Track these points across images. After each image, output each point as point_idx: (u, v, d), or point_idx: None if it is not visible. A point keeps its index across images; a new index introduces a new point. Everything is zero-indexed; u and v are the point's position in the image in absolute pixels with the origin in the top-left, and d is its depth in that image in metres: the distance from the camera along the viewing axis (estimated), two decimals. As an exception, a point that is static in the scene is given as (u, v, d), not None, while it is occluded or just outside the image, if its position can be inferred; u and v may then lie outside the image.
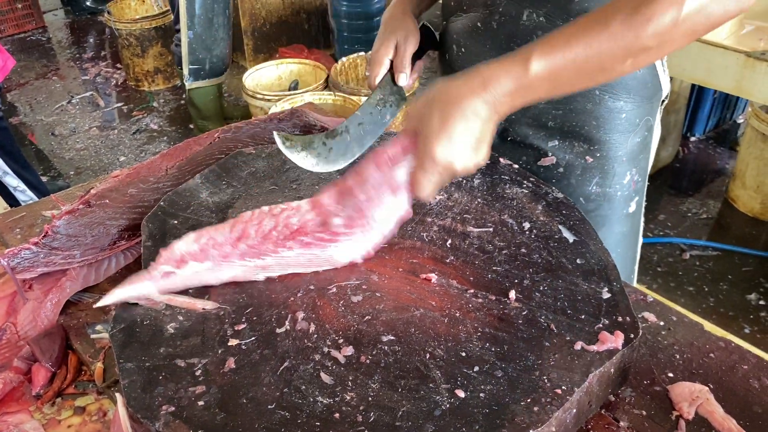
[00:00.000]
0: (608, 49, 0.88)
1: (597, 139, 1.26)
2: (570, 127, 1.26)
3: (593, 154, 1.28)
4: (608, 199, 1.32)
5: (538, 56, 0.90)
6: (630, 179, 1.32)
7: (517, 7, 1.21)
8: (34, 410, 0.99)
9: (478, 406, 0.80)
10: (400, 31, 1.25)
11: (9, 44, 5.51)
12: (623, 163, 1.30)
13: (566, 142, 1.28)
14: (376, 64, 1.23)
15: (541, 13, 1.19)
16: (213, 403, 0.81)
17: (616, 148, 1.27)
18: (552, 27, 1.18)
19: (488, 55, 1.25)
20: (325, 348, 0.88)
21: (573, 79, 0.92)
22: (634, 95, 1.24)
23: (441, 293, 0.97)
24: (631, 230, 1.41)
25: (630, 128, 1.27)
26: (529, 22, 1.21)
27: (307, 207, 1.03)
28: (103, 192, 1.16)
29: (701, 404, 0.91)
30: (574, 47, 0.89)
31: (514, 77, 0.90)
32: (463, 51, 1.34)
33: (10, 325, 1.08)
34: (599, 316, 0.92)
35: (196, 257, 0.96)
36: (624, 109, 1.25)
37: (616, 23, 0.87)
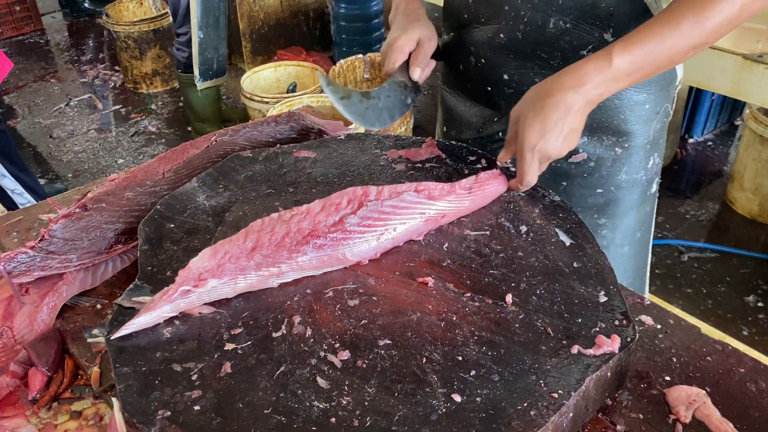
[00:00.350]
0: (677, 45, 1.05)
1: (624, 131, 1.33)
2: (599, 123, 1.31)
3: (621, 145, 1.34)
4: (635, 185, 1.39)
5: (618, 51, 1.05)
6: (652, 162, 1.40)
7: (543, 16, 1.22)
8: (31, 415, 0.98)
9: (475, 411, 0.80)
10: (424, 30, 1.28)
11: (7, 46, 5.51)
12: (647, 149, 1.37)
13: (595, 138, 1.33)
14: (397, 51, 1.25)
15: (568, 20, 1.21)
16: (209, 408, 0.81)
17: (641, 136, 1.34)
18: (578, 33, 1.21)
19: (512, 63, 1.30)
20: (321, 352, 0.88)
21: (648, 69, 1.07)
22: (655, 86, 1.30)
23: (437, 297, 0.97)
24: (651, 209, 1.50)
25: (652, 116, 1.34)
26: (555, 30, 1.22)
27: (317, 208, 1.04)
28: (100, 196, 1.16)
29: (698, 408, 0.91)
30: (649, 43, 1.05)
31: (600, 70, 1.05)
32: (483, 62, 1.35)
33: (6, 329, 1.08)
34: (596, 320, 0.92)
35: (214, 273, 0.95)
36: (647, 100, 1.31)
37: (686, 23, 1.03)
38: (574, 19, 1.20)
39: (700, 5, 1.03)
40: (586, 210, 1.38)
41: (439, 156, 1.28)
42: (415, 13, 1.31)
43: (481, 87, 1.38)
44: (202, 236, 1.09)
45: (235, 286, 0.96)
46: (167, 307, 0.92)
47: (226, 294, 0.97)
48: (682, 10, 1.04)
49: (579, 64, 1.07)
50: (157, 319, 0.93)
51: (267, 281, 0.98)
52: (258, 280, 0.97)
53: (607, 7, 1.18)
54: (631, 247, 1.46)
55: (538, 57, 1.26)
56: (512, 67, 1.30)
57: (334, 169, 1.25)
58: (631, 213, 1.41)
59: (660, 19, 1.06)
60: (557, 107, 1.06)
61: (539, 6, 1.21)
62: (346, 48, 4.50)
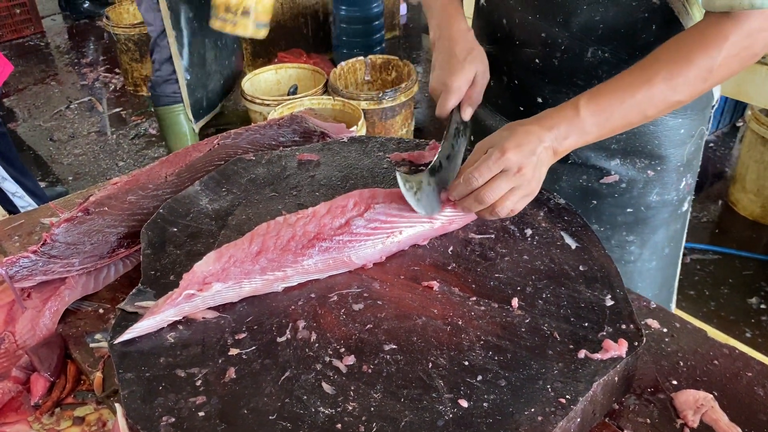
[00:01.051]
0: (649, 100, 1.02)
1: (658, 155, 1.29)
2: (633, 147, 1.28)
3: (654, 168, 1.30)
4: (666, 205, 1.36)
5: (585, 102, 1.02)
6: (685, 183, 1.37)
7: (581, 45, 1.19)
8: (33, 420, 0.98)
9: (482, 416, 0.79)
10: (480, 63, 1.17)
11: (7, 49, 5.51)
12: (680, 171, 1.34)
13: (628, 160, 1.29)
14: (455, 93, 1.15)
15: (606, 50, 1.18)
16: (213, 414, 0.80)
17: (675, 160, 1.31)
18: (617, 62, 1.18)
19: (547, 88, 1.27)
20: (326, 357, 0.87)
21: (617, 122, 1.03)
22: (691, 110, 1.27)
23: (443, 301, 0.96)
24: (682, 225, 1.46)
25: (687, 140, 1.30)
26: (594, 59, 1.19)
27: (323, 211, 1.04)
28: (102, 199, 1.16)
29: (706, 412, 0.90)
30: (618, 96, 1.01)
31: (568, 119, 1.02)
32: (516, 83, 1.32)
33: (8, 335, 1.07)
34: (602, 324, 0.92)
35: (218, 277, 0.94)
36: (683, 125, 1.28)
37: (658, 79, 1.00)
38: (614, 49, 1.17)
39: (674, 62, 1.01)
40: (615, 227, 1.35)
41: (442, 159, 1.27)
42: (465, 39, 1.19)
43: (513, 105, 1.35)
44: (206, 240, 1.08)
45: (240, 290, 0.95)
46: (171, 311, 0.92)
47: (231, 298, 0.96)
48: (656, 66, 1.01)
49: (549, 111, 1.04)
50: (161, 323, 0.92)
51: (272, 285, 0.98)
52: (263, 284, 0.97)
53: (648, 38, 1.15)
54: (659, 261, 1.42)
55: (574, 84, 1.23)
56: (547, 92, 1.27)
57: (337, 172, 1.25)
58: (661, 231, 1.38)
59: (633, 71, 1.03)
60: (531, 135, 1.00)
61: (578, 35, 1.18)
62: (346, 50, 4.49)
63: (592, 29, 1.16)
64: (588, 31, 1.17)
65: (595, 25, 1.16)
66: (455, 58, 1.16)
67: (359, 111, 3.28)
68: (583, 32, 1.17)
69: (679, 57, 1.01)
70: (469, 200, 1.02)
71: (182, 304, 0.92)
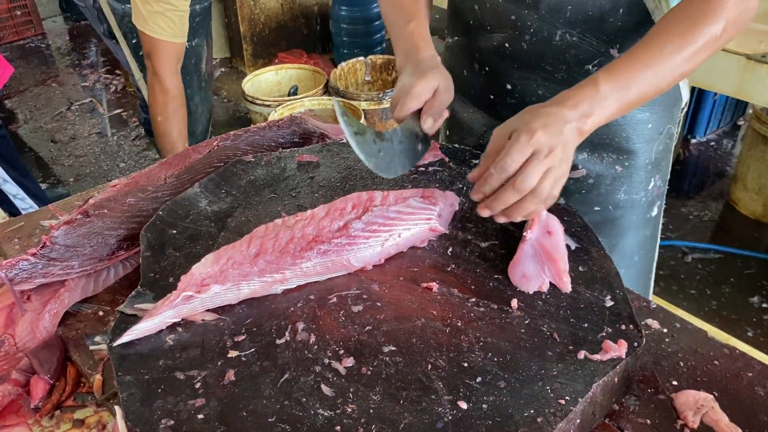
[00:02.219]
0: (662, 70, 1.02)
1: (625, 150, 1.30)
2: (600, 139, 1.28)
3: (622, 164, 1.31)
4: (634, 205, 1.37)
5: (604, 78, 1.01)
6: (654, 185, 1.38)
7: (550, 28, 1.20)
8: (33, 423, 0.98)
9: (481, 418, 0.79)
10: (443, 79, 1.14)
11: (8, 51, 5.52)
12: (648, 170, 1.35)
13: (596, 154, 1.31)
14: (414, 98, 1.09)
15: (575, 33, 1.19)
16: (213, 416, 0.80)
17: (642, 156, 1.32)
18: (585, 46, 1.20)
19: (516, 74, 1.28)
20: (325, 359, 0.87)
21: (634, 95, 1.03)
22: (658, 106, 1.28)
23: (442, 302, 0.96)
24: (653, 233, 1.46)
25: (655, 137, 1.32)
26: (562, 42, 1.21)
27: (321, 213, 1.04)
28: (102, 202, 1.16)
29: (706, 413, 0.90)
30: (634, 69, 1.02)
31: (589, 96, 1.00)
32: (487, 70, 1.33)
33: (8, 337, 1.07)
34: (602, 325, 0.92)
35: (217, 279, 0.94)
36: (650, 119, 1.29)
37: (669, 50, 1.02)
38: (581, 32, 1.19)
39: (682, 29, 1.03)
40: None
41: (442, 160, 1.27)
42: (432, 60, 1.17)
43: (484, 94, 1.37)
44: (205, 242, 1.08)
45: (238, 292, 0.95)
46: (169, 312, 0.92)
47: (229, 300, 0.96)
48: (665, 35, 1.04)
49: (568, 91, 1.02)
50: (160, 325, 0.92)
51: (270, 288, 0.98)
52: (261, 287, 0.96)
53: (615, 22, 1.17)
54: (628, 269, 1.42)
55: (542, 69, 1.25)
56: (516, 78, 1.28)
57: (336, 174, 1.25)
58: (629, 235, 1.39)
59: (644, 43, 1.05)
60: (555, 117, 0.97)
61: (546, 18, 1.19)
62: (346, 50, 4.50)
63: (560, 11, 1.18)
64: (556, 13, 1.18)
65: (563, 6, 1.17)
66: (419, 71, 1.13)
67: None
68: (551, 14, 1.19)
69: (686, 26, 1.03)
70: (507, 191, 0.95)
71: (180, 306, 0.92)
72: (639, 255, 1.44)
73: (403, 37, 1.22)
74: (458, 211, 1.14)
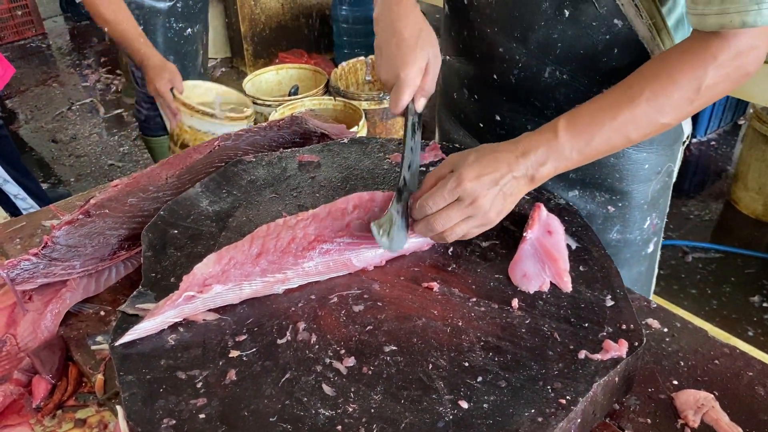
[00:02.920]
0: (632, 123, 0.95)
1: (619, 190, 1.24)
2: (592, 179, 1.23)
3: (615, 204, 1.26)
4: (628, 244, 1.31)
5: (564, 125, 0.96)
6: (650, 223, 1.31)
7: (538, 64, 1.14)
8: (35, 423, 0.98)
9: (482, 417, 0.79)
10: (430, 46, 1.06)
11: (9, 51, 5.52)
12: (644, 210, 1.28)
13: (587, 192, 1.25)
14: (408, 85, 1.03)
15: (565, 71, 1.13)
16: (214, 416, 0.80)
17: (637, 197, 1.26)
18: (575, 85, 1.14)
19: (505, 106, 1.22)
20: (326, 359, 0.87)
21: (600, 147, 0.97)
22: (657, 145, 1.22)
23: (443, 302, 0.96)
24: (648, 268, 1.40)
25: (652, 177, 1.25)
26: (551, 80, 1.15)
27: (323, 213, 1.03)
28: (103, 202, 1.16)
29: (707, 412, 0.90)
30: (599, 118, 0.96)
31: (546, 143, 0.96)
32: (476, 98, 1.28)
33: (10, 337, 1.08)
34: (603, 324, 0.92)
35: (218, 279, 0.94)
36: (647, 159, 1.22)
37: (642, 99, 0.94)
38: (572, 71, 1.12)
39: (658, 81, 0.95)
40: None
41: (443, 159, 1.27)
42: (413, 15, 1.06)
43: (473, 121, 1.32)
44: (206, 242, 1.08)
45: (240, 292, 0.96)
46: (171, 312, 0.92)
47: (231, 300, 0.96)
48: (640, 85, 0.95)
49: (526, 134, 0.98)
50: (162, 324, 0.92)
51: (272, 287, 0.98)
52: (263, 287, 0.97)
53: (609, 62, 1.10)
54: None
55: (531, 104, 1.19)
56: (505, 110, 1.23)
57: (337, 174, 1.25)
58: (623, 272, 1.26)
59: (615, 91, 0.97)
60: (499, 163, 0.95)
61: (535, 53, 1.13)
62: (347, 50, 4.50)
63: (549, 47, 1.12)
64: (545, 48, 1.12)
65: (552, 43, 1.11)
66: (405, 42, 1.04)
67: (360, 111, 3.28)
68: (540, 50, 1.13)
69: (663, 76, 0.95)
70: (421, 225, 1.00)
71: (182, 305, 0.92)
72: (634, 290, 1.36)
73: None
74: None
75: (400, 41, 1.04)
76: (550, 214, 1.05)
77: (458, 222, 0.97)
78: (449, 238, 0.99)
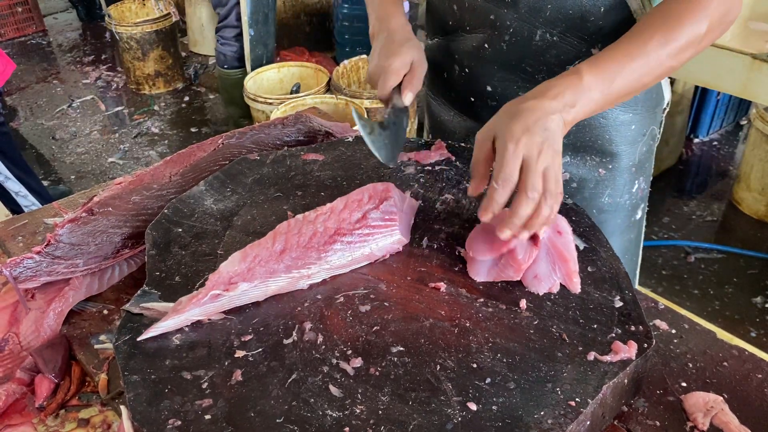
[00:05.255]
0: (646, 65, 1.01)
1: (609, 152, 1.28)
2: (582, 142, 1.27)
3: (605, 167, 1.30)
4: (619, 209, 1.35)
5: (587, 69, 0.99)
6: (638, 187, 1.36)
7: (529, 27, 1.18)
8: (38, 422, 0.97)
9: (491, 419, 0.78)
10: (416, 50, 1.19)
11: (9, 48, 5.51)
12: (632, 172, 1.33)
13: (578, 157, 1.29)
14: (394, 74, 1.16)
15: (555, 33, 1.17)
16: (220, 417, 0.80)
17: (626, 158, 1.30)
18: (565, 46, 1.18)
19: (496, 75, 1.26)
20: (333, 359, 0.87)
21: (619, 89, 1.01)
22: (641, 107, 1.27)
23: (450, 302, 0.95)
24: (637, 236, 1.44)
25: (638, 138, 1.30)
26: (542, 42, 1.19)
27: (340, 206, 1.04)
28: (106, 200, 1.15)
29: (716, 415, 0.89)
30: (617, 61, 1.00)
31: (572, 86, 0.98)
32: (467, 71, 1.31)
33: (12, 336, 1.07)
34: (612, 326, 0.91)
35: (244, 277, 0.94)
36: (633, 120, 1.27)
37: (653, 42, 1.01)
38: (562, 32, 1.17)
39: (667, 26, 1.02)
40: None
41: (449, 158, 1.26)
42: (404, 30, 1.22)
43: (464, 97, 1.35)
44: (210, 240, 1.08)
45: (266, 289, 0.95)
46: (196, 310, 0.92)
47: (257, 297, 0.96)
48: (650, 30, 1.02)
49: (550, 81, 1.00)
50: (185, 322, 0.92)
51: (297, 283, 0.98)
52: (288, 283, 0.97)
53: (596, 21, 1.15)
54: None
55: (522, 70, 1.23)
56: (496, 79, 1.27)
57: (342, 172, 1.24)
58: (614, 239, 1.35)
59: (628, 38, 1.03)
60: (535, 110, 0.94)
61: (526, 17, 1.17)
62: (349, 48, 4.48)
63: (539, 10, 1.16)
64: (535, 12, 1.16)
65: (542, 6, 1.15)
66: (393, 44, 1.18)
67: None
68: (530, 13, 1.17)
69: (670, 22, 1.02)
70: (521, 204, 0.91)
71: (208, 303, 0.92)
72: (624, 259, 1.39)
73: (375, 3, 1.29)
74: (465, 211, 1.13)
75: (389, 44, 1.19)
76: (557, 214, 1.04)
77: (543, 178, 0.91)
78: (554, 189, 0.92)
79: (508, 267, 0.98)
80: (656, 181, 1.55)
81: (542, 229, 0.99)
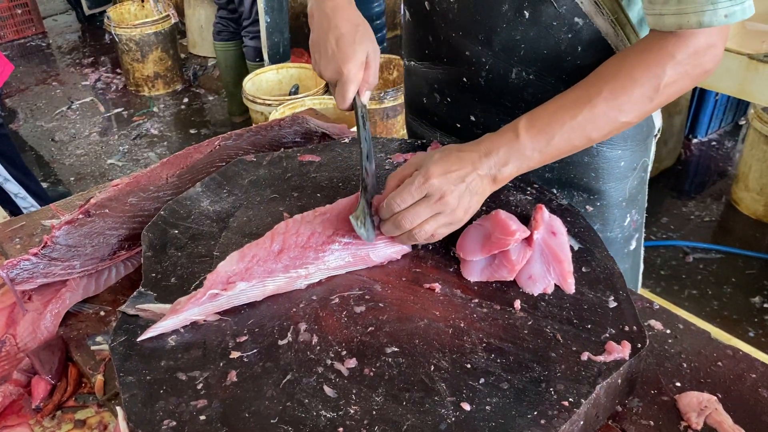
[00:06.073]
0: (592, 122, 0.96)
1: (596, 189, 1.24)
2: (568, 178, 1.23)
3: (593, 203, 1.26)
4: (609, 243, 1.29)
5: (524, 125, 0.97)
6: (630, 220, 1.31)
7: (505, 66, 1.14)
8: (34, 424, 0.97)
9: (484, 420, 0.79)
10: (369, 41, 1.09)
11: (9, 50, 5.52)
12: (623, 207, 1.28)
13: (565, 192, 1.25)
14: (352, 80, 1.05)
15: (531, 71, 1.13)
16: (215, 417, 0.80)
17: (615, 195, 1.25)
18: (542, 85, 1.14)
19: (478, 107, 1.23)
20: (328, 360, 0.87)
21: (561, 146, 0.98)
22: (631, 142, 1.22)
23: (445, 303, 0.96)
24: (632, 266, 1.39)
25: (628, 174, 1.25)
26: (518, 81, 1.15)
27: (340, 207, 1.04)
28: (103, 201, 1.15)
29: (710, 414, 0.90)
30: (558, 118, 0.97)
31: (508, 143, 0.97)
32: (449, 101, 1.28)
33: (9, 337, 1.07)
34: (606, 326, 0.91)
35: (242, 276, 0.95)
36: (622, 157, 1.22)
37: (600, 99, 0.95)
38: (538, 71, 1.13)
39: (616, 80, 0.96)
40: None
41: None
42: (348, 12, 1.10)
43: (449, 123, 1.31)
44: (207, 242, 1.08)
45: (264, 288, 0.96)
46: (195, 310, 0.92)
47: (255, 297, 0.96)
48: (598, 85, 0.97)
49: (488, 135, 0.99)
50: (184, 322, 0.92)
51: (294, 283, 0.98)
52: (286, 282, 0.97)
53: (574, 60, 1.10)
54: None
55: (502, 105, 1.19)
56: (478, 110, 1.24)
57: (338, 173, 1.24)
58: None
59: (574, 91, 0.99)
60: (464, 162, 0.96)
61: (500, 55, 1.13)
62: (348, 49, 4.48)
63: (513, 49, 1.12)
64: (510, 50, 1.12)
65: (516, 44, 1.11)
66: (343, 39, 1.07)
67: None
68: (505, 52, 1.13)
69: (622, 75, 0.96)
70: (388, 224, 0.99)
71: (206, 303, 0.92)
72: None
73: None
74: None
75: (339, 36, 1.07)
76: (552, 215, 1.04)
77: (427, 219, 0.96)
78: (418, 237, 0.98)
79: (501, 267, 0.98)
80: (655, 182, 1.54)
81: (536, 230, 1.00)
